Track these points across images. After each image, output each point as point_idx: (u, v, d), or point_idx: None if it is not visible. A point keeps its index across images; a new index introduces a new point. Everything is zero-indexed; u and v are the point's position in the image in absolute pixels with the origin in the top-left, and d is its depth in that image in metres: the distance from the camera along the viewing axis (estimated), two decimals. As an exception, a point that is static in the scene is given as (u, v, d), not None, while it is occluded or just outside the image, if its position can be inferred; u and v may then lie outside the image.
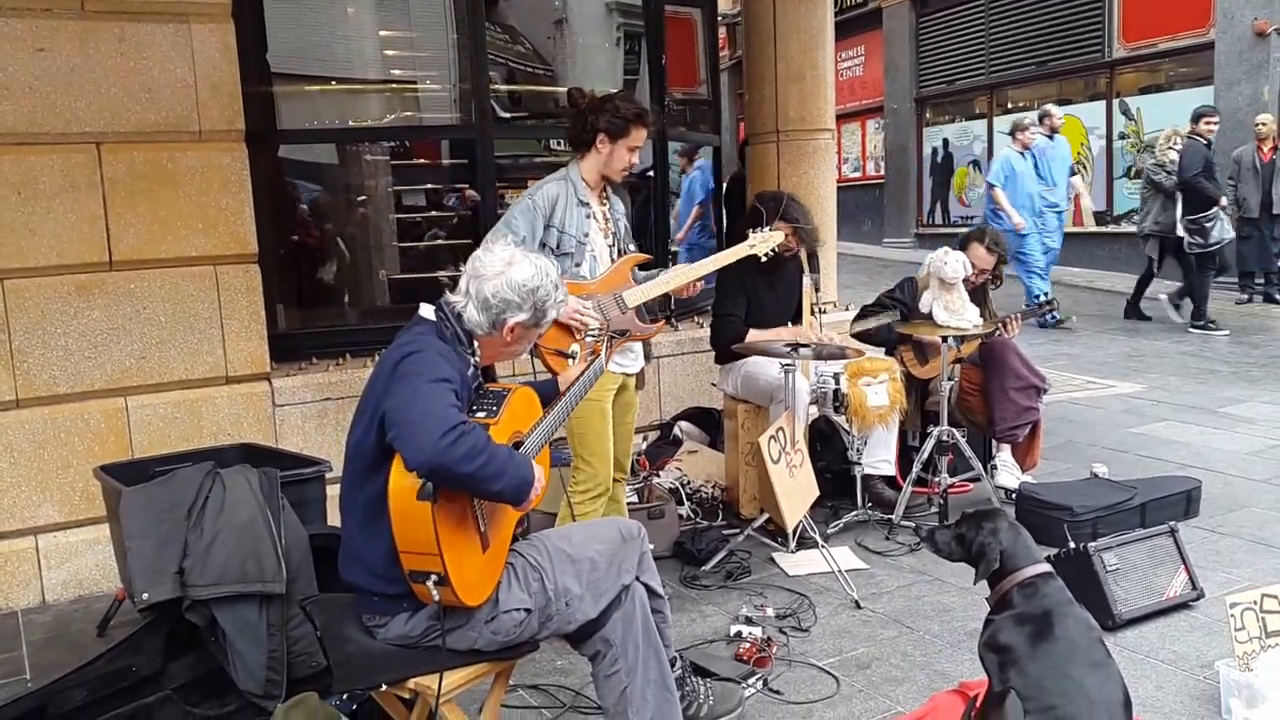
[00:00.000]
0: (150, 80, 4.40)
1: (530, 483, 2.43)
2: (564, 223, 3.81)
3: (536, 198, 3.81)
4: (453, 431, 2.24)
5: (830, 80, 6.90)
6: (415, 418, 2.27)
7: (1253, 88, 12.12)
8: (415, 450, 2.24)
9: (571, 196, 3.84)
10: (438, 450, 2.22)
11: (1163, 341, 9.20)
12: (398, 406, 2.32)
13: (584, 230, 3.86)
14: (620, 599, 2.66)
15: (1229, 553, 4.47)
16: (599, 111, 3.83)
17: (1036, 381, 5.14)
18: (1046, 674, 2.56)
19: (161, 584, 2.99)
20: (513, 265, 2.58)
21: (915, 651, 3.68)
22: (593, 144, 3.85)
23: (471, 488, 2.33)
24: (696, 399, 6.13)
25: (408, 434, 2.27)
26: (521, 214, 3.76)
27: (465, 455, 2.24)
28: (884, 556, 4.60)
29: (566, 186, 3.86)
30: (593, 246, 3.90)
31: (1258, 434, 6.43)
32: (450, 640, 2.50)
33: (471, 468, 2.26)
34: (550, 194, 3.82)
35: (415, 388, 2.33)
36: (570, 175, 3.89)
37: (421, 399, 2.30)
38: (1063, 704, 2.50)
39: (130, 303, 4.46)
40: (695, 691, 3.00)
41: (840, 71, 19.75)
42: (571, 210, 3.83)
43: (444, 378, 2.37)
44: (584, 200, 3.88)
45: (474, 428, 2.31)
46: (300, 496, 3.47)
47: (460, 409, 2.36)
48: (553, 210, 3.80)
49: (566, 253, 3.78)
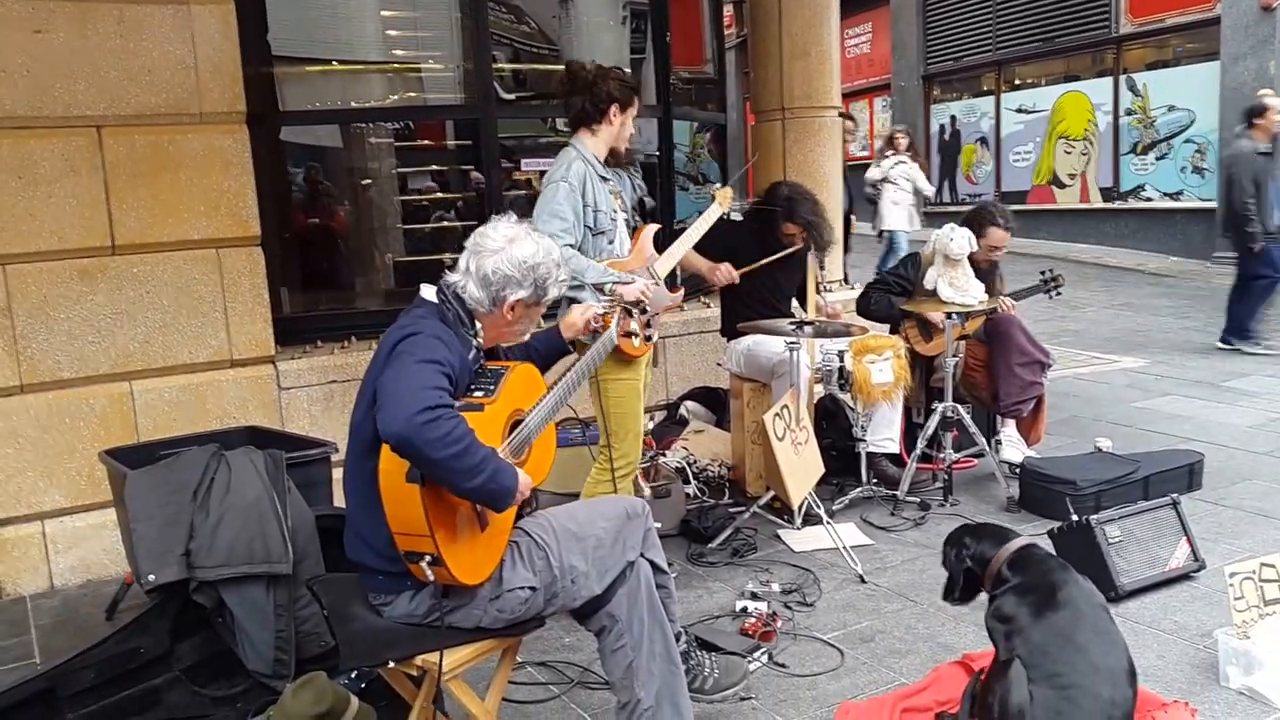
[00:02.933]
0: (150, 62, 4.38)
1: (511, 492, 2.37)
2: (596, 200, 3.76)
3: (570, 178, 3.71)
4: (429, 411, 2.22)
5: (835, 57, 6.87)
6: (396, 392, 2.26)
7: (1258, 62, 12.05)
8: (388, 420, 2.23)
9: (593, 172, 3.79)
10: (409, 425, 2.20)
11: (1167, 318, 9.17)
12: (384, 382, 2.32)
13: (612, 207, 3.84)
14: (625, 575, 2.67)
15: (1231, 524, 4.48)
16: (606, 80, 3.79)
17: (1041, 357, 5.13)
18: (1050, 642, 2.58)
19: (168, 566, 3.01)
20: (514, 242, 2.57)
21: (919, 624, 3.69)
22: (605, 114, 3.80)
23: (440, 477, 2.28)
24: (703, 379, 6.13)
25: (385, 405, 2.26)
26: (564, 198, 3.67)
27: (437, 439, 2.21)
28: (889, 532, 4.60)
29: (585, 164, 3.79)
30: (618, 223, 3.89)
31: (1260, 407, 6.43)
32: (455, 618, 2.51)
33: (441, 454, 2.22)
34: (579, 171, 3.75)
35: (405, 365, 2.33)
36: (584, 153, 3.81)
37: (407, 376, 2.30)
38: (1067, 671, 2.51)
39: (133, 287, 4.46)
40: (700, 665, 3.01)
41: (847, 49, 19.64)
42: (597, 186, 3.78)
43: (436, 360, 2.35)
44: (604, 175, 3.84)
45: (457, 418, 2.27)
46: (307, 478, 3.48)
47: (449, 393, 2.33)
48: (584, 188, 3.73)
49: (601, 230, 3.76)
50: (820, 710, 3.12)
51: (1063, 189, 15.21)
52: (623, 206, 3.97)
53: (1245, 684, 3.09)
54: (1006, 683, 2.54)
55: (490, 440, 2.44)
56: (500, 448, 2.48)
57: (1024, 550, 2.84)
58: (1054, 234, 14.76)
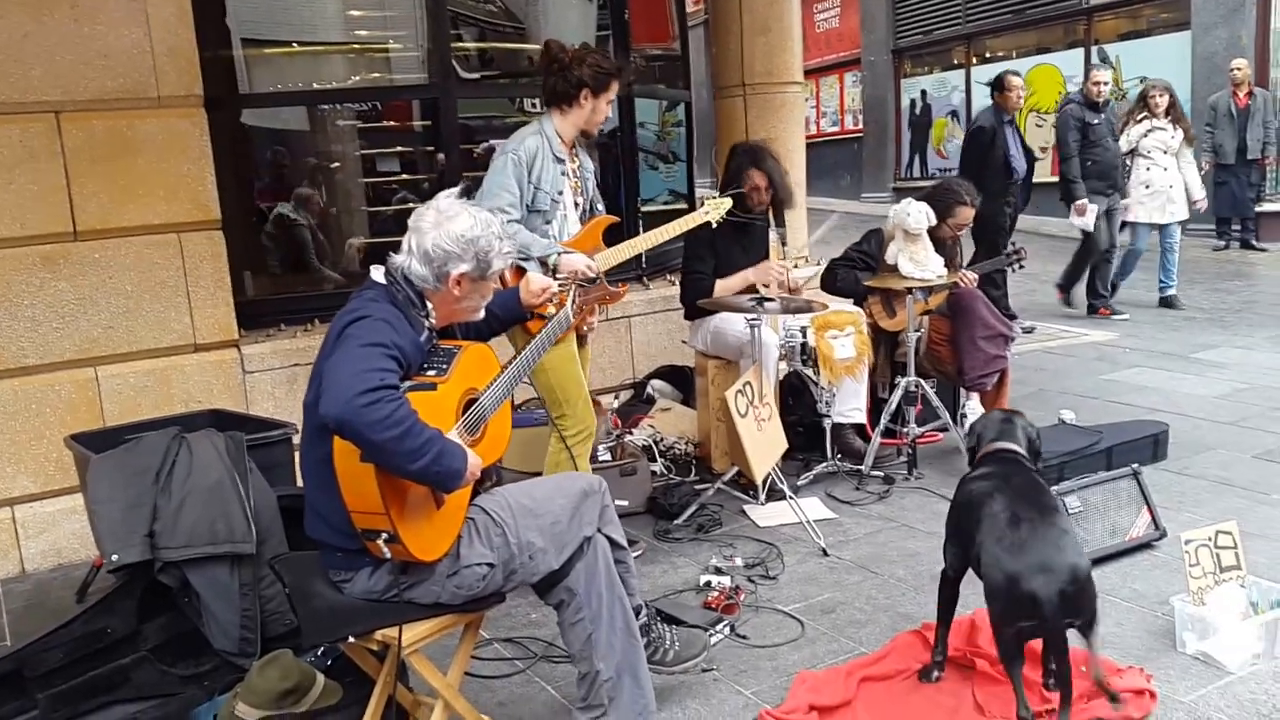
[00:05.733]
0: (106, 47, 4.36)
1: (458, 474, 2.39)
2: (540, 179, 3.79)
3: (520, 152, 3.76)
4: (371, 393, 2.24)
5: (797, 32, 6.87)
6: (338, 375, 2.29)
7: (1229, 31, 12.10)
8: (329, 402, 2.25)
9: (548, 152, 3.82)
10: (349, 408, 2.22)
11: (1139, 290, 9.25)
12: (329, 365, 2.35)
13: (558, 188, 3.85)
14: (583, 550, 2.71)
15: (1194, 493, 4.55)
16: (582, 64, 3.80)
17: (1004, 330, 5.18)
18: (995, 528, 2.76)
19: (132, 546, 3.03)
20: (451, 218, 2.58)
21: (879, 595, 3.75)
22: (575, 98, 3.82)
23: (383, 460, 2.29)
24: (669, 357, 6.16)
25: (327, 388, 2.29)
26: (510, 170, 3.72)
27: (377, 421, 2.22)
28: (853, 506, 4.66)
29: (543, 141, 3.82)
30: (564, 206, 3.89)
31: (1227, 378, 6.51)
32: (413, 594, 2.54)
33: (381, 436, 2.23)
34: (530, 148, 3.79)
35: (349, 349, 2.35)
36: (545, 130, 3.85)
37: (350, 360, 2.32)
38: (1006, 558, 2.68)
39: (96, 272, 4.46)
40: (661, 638, 3.05)
41: (816, 23, 19.62)
42: (548, 166, 3.81)
43: (381, 343, 2.37)
44: (559, 157, 3.86)
45: (398, 400, 2.29)
46: (269, 459, 3.50)
47: (395, 375, 2.36)
48: (533, 165, 3.77)
49: (539, 210, 3.78)
50: (780, 680, 3.17)
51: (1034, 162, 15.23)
52: (580, 191, 3.98)
53: (1200, 649, 3.15)
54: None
55: (444, 419, 2.47)
56: (454, 427, 2.51)
57: (992, 454, 3.10)
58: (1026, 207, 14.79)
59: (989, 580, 2.69)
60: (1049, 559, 2.60)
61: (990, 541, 2.71)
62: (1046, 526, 2.68)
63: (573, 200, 3.95)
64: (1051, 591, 2.55)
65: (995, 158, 8.08)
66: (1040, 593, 2.55)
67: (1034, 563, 2.59)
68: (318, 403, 2.38)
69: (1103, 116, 8.37)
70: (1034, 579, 2.57)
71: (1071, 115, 8.40)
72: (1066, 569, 2.59)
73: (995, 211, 8.03)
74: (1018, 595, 2.58)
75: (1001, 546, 2.67)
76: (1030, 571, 2.58)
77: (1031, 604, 2.56)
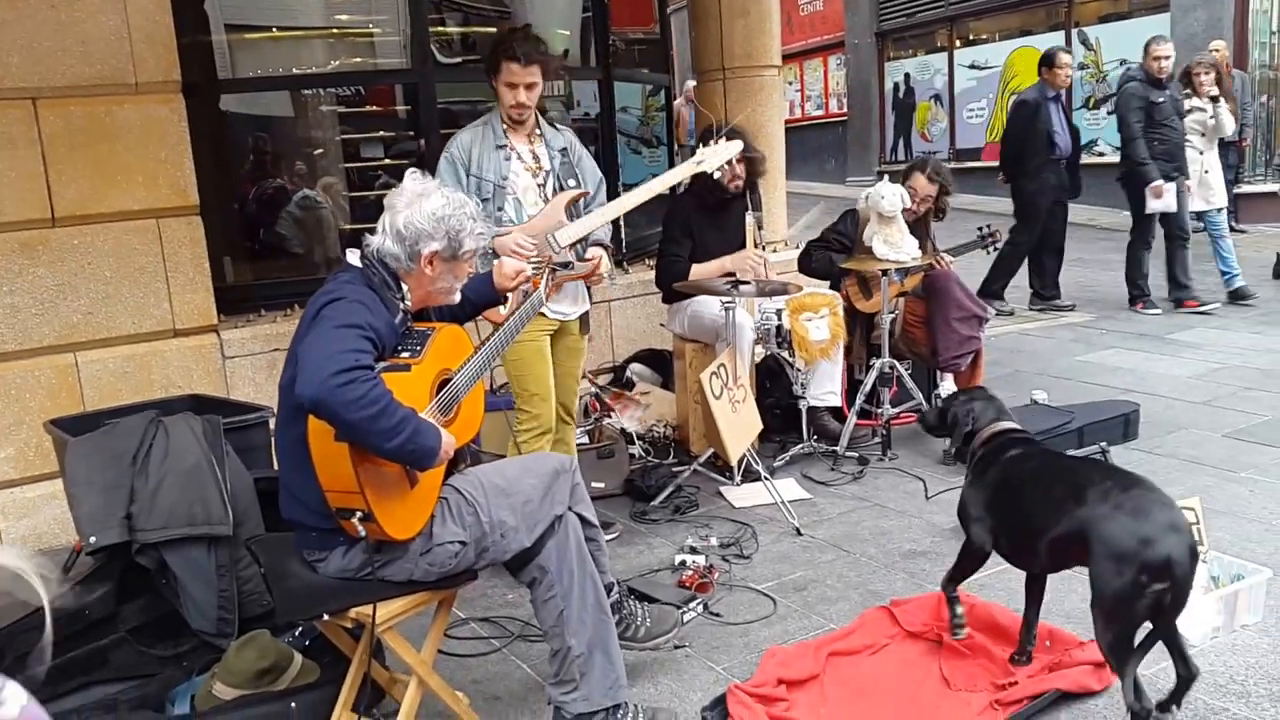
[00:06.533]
0: (83, 33, 4.36)
1: (433, 452, 2.44)
2: (480, 168, 3.82)
3: (452, 150, 3.85)
4: (345, 374, 2.28)
5: (775, 15, 6.89)
6: (313, 356, 2.33)
7: (1208, 13, 12.15)
8: (304, 383, 2.30)
9: (488, 140, 3.84)
10: (324, 388, 2.26)
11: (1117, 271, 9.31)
12: (304, 347, 2.39)
13: (501, 174, 3.85)
14: (554, 528, 2.75)
15: (1164, 472, 4.60)
16: (490, 48, 3.85)
17: (978, 311, 5.24)
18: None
19: (110, 528, 3.06)
20: (424, 196, 2.63)
21: (851, 573, 3.81)
22: (490, 82, 3.86)
23: (359, 439, 2.33)
24: (649, 341, 6.20)
25: (302, 369, 2.33)
26: (448, 172, 3.79)
27: (353, 401, 2.27)
28: (827, 486, 4.72)
29: (484, 130, 3.87)
30: (514, 189, 3.88)
31: (1200, 358, 6.59)
32: (387, 572, 2.58)
33: (356, 415, 2.28)
34: (464, 142, 3.85)
35: (324, 330, 2.39)
36: (492, 119, 3.91)
37: (325, 341, 2.36)
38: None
39: (75, 258, 4.47)
40: (633, 614, 3.10)
41: (800, 6, 19.60)
42: (487, 154, 3.83)
43: (356, 324, 2.41)
44: (501, 143, 3.87)
45: (373, 380, 2.33)
46: (246, 442, 3.53)
47: (370, 356, 2.40)
48: (470, 158, 3.82)
49: (485, 198, 3.79)
50: (751, 656, 3.23)
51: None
52: (540, 170, 3.95)
53: (1163, 623, 3.22)
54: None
55: (418, 400, 2.51)
56: (428, 407, 2.55)
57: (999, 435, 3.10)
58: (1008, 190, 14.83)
59: (1116, 550, 2.52)
60: (1174, 518, 2.53)
61: (1107, 510, 2.58)
62: (1149, 489, 2.63)
63: (532, 183, 3.92)
64: (1184, 550, 2.48)
65: (1038, 133, 7.99)
66: (1174, 552, 2.47)
67: (1163, 523, 2.51)
68: (293, 384, 2.41)
69: (1167, 93, 7.86)
70: (1167, 539, 2.48)
71: (1134, 94, 7.84)
72: (1187, 526, 2.55)
73: (1036, 190, 8.03)
74: (1152, 560, 2.47)
75: (1125, 513, 2.55)
76: (1162, 532, 2.49)
77: (1166, 566, 2.47)
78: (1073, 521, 2.65)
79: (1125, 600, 2.51)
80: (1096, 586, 2.56)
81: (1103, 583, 2.54)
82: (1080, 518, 2.63)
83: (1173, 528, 2.51)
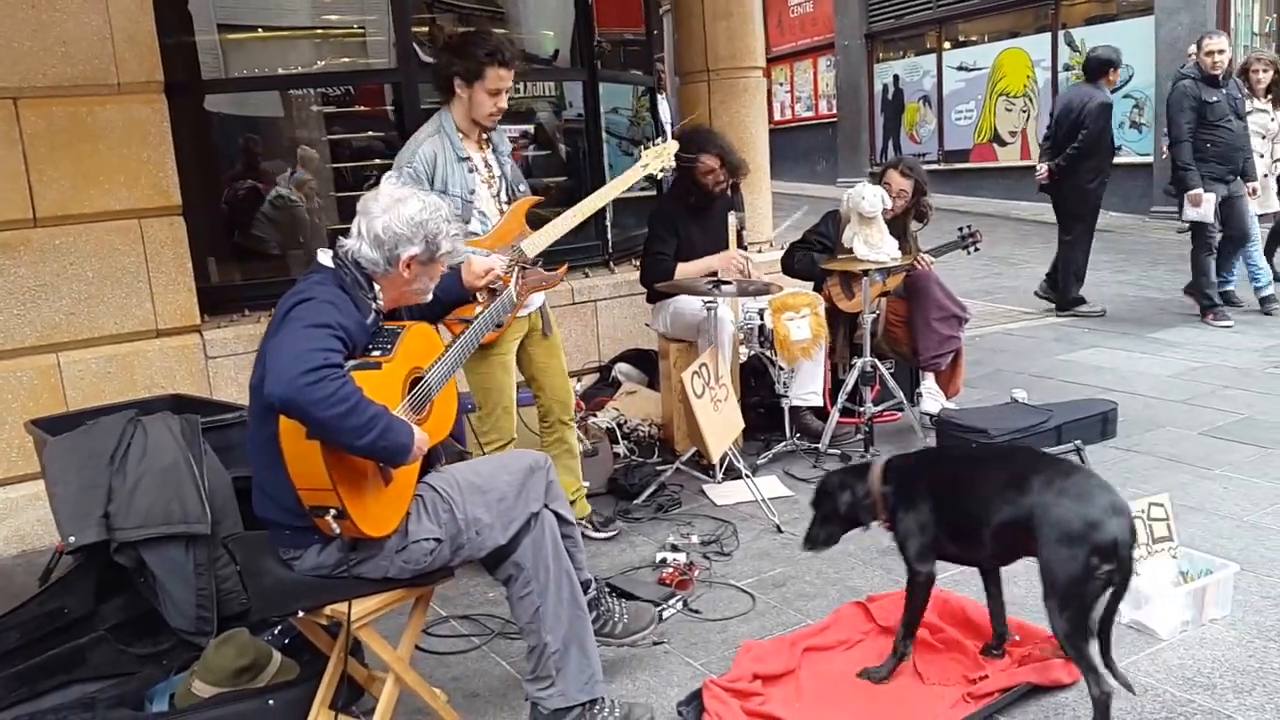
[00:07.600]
0: (65, 33, 4.38)
1: (406, 449, 2.45)
2: (446, 182, 3.63)
3: (415, 163, 3.60)
4: (315, 372, 2.29)
5: (758, 17, 6.93)
6: (282, 356, 2.34)
7: (1192, 16, 12.22)
8: (273, 382, 2.31)
9: (450, 152, 3.67)
10: (293, 386, 2.28)
11: (1103, 272, 9.37)
12: (273, 346, 2.41)
13: (469, 187, 3.70)
14: (530, 525, 2.77)
15: (1141, 470, 4.65)
16: (453, 52, 3.64)
17: (958, 311, 5.28)
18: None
19: (88, 527, 3.07)
20: (401, 201, 2.64)
21: (829, 570, 3.83)
22: (450, 89, 3.66)
23: (330, 437, 2.34)
24: (635, 341, 6.22)
25: (271, 368, 2.34)
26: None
27: (322, 399, 2.28)
28: (809, 483, 4.72)
29: (443, 141, 3.67)
30: (479, 201, 3.74)
31: (1181, 357, 6.62)
32: (362, 570, 2.60)
33: (326, 413, 2.29)
34: (427, 155, 3.63)
35: (294, 330, 2.41)
36: (445, 126, 3.70)
37: (294, 340, 2.38)
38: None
39: (57, 259, 4.48)
40: (610, 611, 3.12)
41: (790, 8, 19.67)
42: (452, 168, 3.66)
43: (326, 323, 2.42)
44: (463, 155, 3.70)
45: (342, 378, 2.34)
46: (225, 442, 3.53)
47: (338, 354, 2.41)
48: (434, 171, 3.62)
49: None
50: (729, 651, 3.25)
51: (1004, 146, 15.39)
52: (493, 179, 3.80)
53: (1134, 618, 3.24)
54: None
55: (389, 397, 2.52)
56: (400, 405, 2.57)
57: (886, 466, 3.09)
58: (996, 192, 14.96)
59: (1064, 534, 2.55)
60: (1115, 500, 2.58)
61: (1052, 497, 2.61)
62: (1085, 474, 2.67)
63: (488, 194, 3.77)
64: (1127, 531, 2.53)
65: (1108, 134, 7.94)
66: (1119, 534, 2.52)
67: (1106, 505, 2.55)
68: (263, 383, 2.42)
69: (1223, 92, 7.37)
70: (1112, 521, 2.52)
71: (1186, 94, 7.38)
72: (1126, 507, 2.59)
73: (1083, 184, 7.91)
74: (1100, 541, 2.51)
75: (1069, 498, 2.59)
76: (1107, 515, 2.53)
77: (1114, 547, 2.51)
78: (1018, 509, 2.69)
79: (1078, 582, 2.55)
80: (1049, 573, 2.61)
81: (1055, 567, 2.59)
82: (1026, 505, 2.67)
83: (1115, 510, 2.56)
